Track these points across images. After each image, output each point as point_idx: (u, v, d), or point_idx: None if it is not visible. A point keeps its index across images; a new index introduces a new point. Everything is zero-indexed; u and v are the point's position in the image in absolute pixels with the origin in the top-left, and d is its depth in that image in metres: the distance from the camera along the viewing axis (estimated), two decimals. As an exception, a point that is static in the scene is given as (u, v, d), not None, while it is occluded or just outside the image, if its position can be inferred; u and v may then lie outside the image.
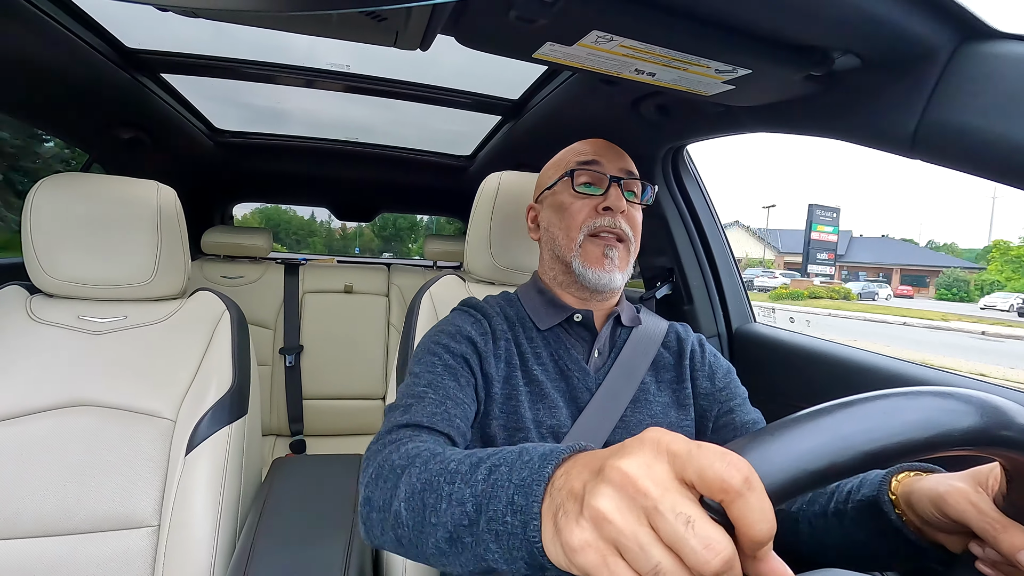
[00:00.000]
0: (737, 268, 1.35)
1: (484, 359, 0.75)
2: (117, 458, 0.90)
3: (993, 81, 0.56)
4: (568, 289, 0.83)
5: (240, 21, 0.60)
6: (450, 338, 0.75)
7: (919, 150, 0.64)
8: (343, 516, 0.90)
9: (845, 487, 0.60)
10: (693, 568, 0.26)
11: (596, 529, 0.29)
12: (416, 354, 0.75)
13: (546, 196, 0.86)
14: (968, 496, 0.43)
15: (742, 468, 0.27)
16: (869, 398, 0.31)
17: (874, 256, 27.51)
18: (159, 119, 1.60)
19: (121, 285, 1.00)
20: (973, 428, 0.31)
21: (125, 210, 0.99)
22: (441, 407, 0.65)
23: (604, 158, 0.81)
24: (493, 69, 1.36)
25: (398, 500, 0.49)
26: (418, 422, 0.62)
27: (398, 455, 0.54)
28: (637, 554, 0.27)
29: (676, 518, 0.27)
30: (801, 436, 0.29)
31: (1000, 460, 0.35)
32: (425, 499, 0.46)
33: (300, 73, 1.43)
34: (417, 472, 0.49)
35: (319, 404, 2.08)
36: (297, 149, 2.10)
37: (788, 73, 0.69)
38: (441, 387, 0.68)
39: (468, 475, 0.44)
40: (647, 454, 0.30)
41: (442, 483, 0.45)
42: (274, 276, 2.11)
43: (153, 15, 1.10)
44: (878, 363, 0.94)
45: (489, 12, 0.59)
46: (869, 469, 0.29)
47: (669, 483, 0.28)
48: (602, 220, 0.78)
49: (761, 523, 0.26)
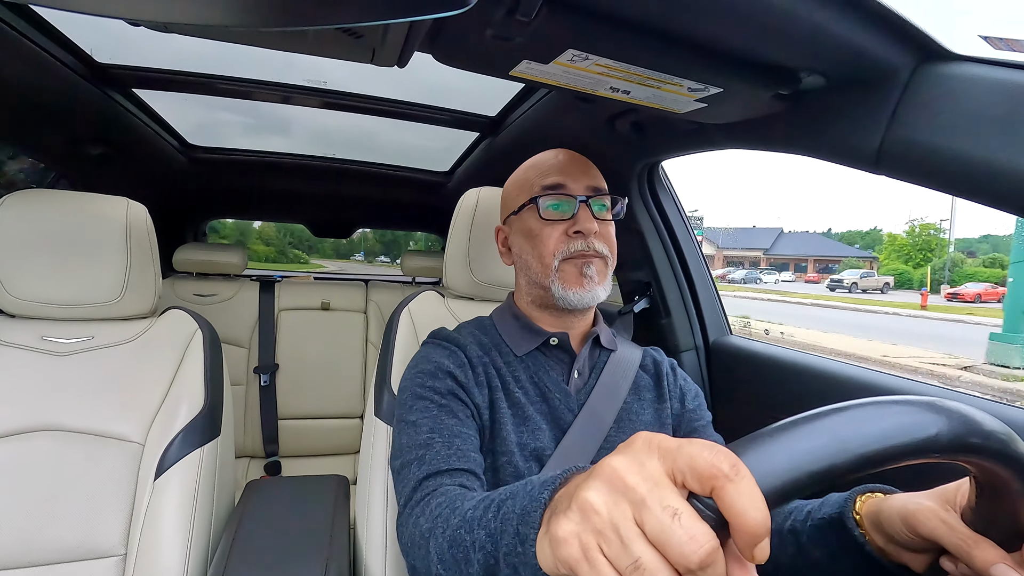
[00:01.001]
0: (713, 281, 1.37)
1: (468, 390, 0.74)
2: (82, 484, 0.87)
3: (951, 101, 0.59)
4: (546, 311, 0.82)
5: (213, 36, 0.60)
6: (432, 378, 0.74)
7: (883, 166, 0.66)
8: (320, 538, 0.88)
9: (805, 507, 0.61)
10: (676, 561, 0.26)
11: (582, 520, 0.30)
12: (403, 401, 0.74)
13: (513, 220, 0.84)
14: (938, 514, 0.44)
15: (730, 456, 0.27)
16: (863, 404, 0.31)
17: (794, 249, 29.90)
18: (130, 135, 1.57)
19: (88, 304, 0.97)
20: (961, 437, 0.31)
21: (93, 227, 0.97)
22: (451, 448, 0.66)
23: (569, 177, 0.79)
24: (470, 86, 1.37)
25: (434, 564, 0.52)
26: (437, 469, 0.64)
27: (424, 518, 0.57)
28: (618, 549, 0.27)
29: (663, 511, 0.27)
30: (798, 439, 0.29)
31: (973, 471, 0.36)
32: (455, 555, 0.49)
33: (276, 89, 1.42)
34: (441, 532, 0.52)
35: (295, 424, 2.04)
36: (272, 165, 2.08)
37: (758, 91, 0.71)
38: (444, 428, 0.68)
39: (482, 518, 0.46)
40: (638, 452, 0.30)
41: (463, 535, 0.48)
42: (249, 293, 2.07)
43: (124, 30, 1.08)
44: (851, 373, 0.96)
45: (466, 30, 0.59)
46: (864, 472, 0.30)
47: (659, 478, 0.28)
48: (575, 244, 0.77)
49: (753, 511, 0.26)
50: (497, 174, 1.75)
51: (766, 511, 0.26)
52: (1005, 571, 0.39)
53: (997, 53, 0.58)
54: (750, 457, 0.28)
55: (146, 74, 1.32)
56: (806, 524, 0.59)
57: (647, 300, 1.37)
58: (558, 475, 0.39)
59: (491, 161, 1.75)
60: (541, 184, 0.80)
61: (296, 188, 2.30)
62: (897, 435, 0.30)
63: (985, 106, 0.56)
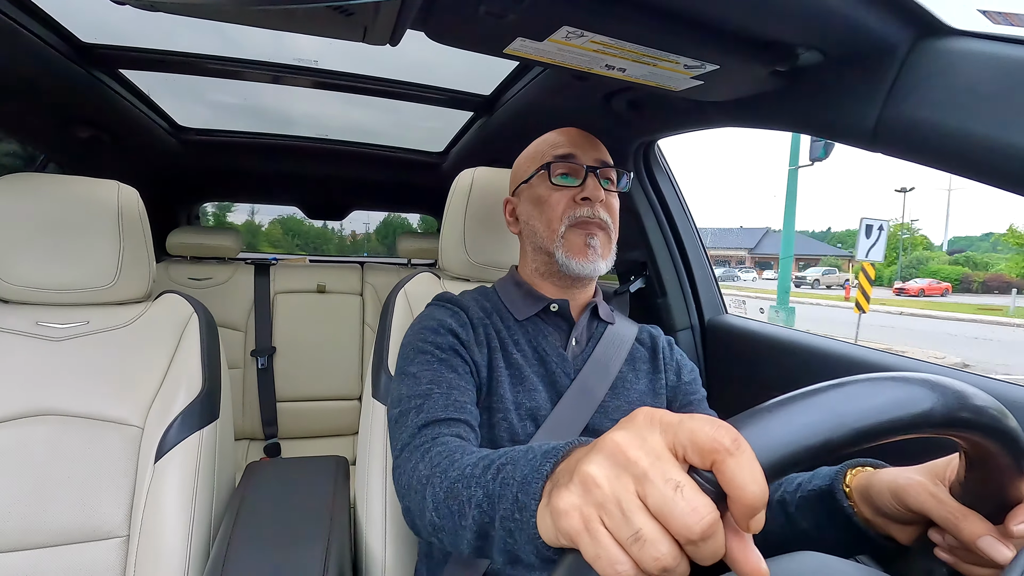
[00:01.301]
0: (708, 261, 1.37)
1: (468, 347, 0.76)
2: (82, 468, 0.87)
3: (948, 77, 0.58)
4: (549, 279, 0.84)
5: (201, 15, 0.58)
6: (434, 333, 0.76)
7: (879, 143, 0.66)
8: (321, 519, 0.89)
9: (795, 479, 0.63)
10: (678, 532, 0.26)
11: (584, 494, 0.30)
12: (405, 355, 0.76)
13: (523, 189, 0.87)
14: (928, 488, 0.45)
15: (731, 430, 0.27)
16: (860, 380, 0.31)
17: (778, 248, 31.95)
18: (118, 117, 1.54)
19: (82, 289, 0.96)
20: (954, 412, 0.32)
21: (85, 211, 0.96)
22: (450, 399, 0.68)
23: (579, 149, 0.82)
24: (464, 64, 1.35)
25: (429, 510, 0.53)
26: (435, 417, 0.65)
27: (424, 464, 0.58)
28: (619, 521, 0.28)
29: (665, 484, 0.27)
30: (796, 413, 0.30)
31: (964, 445, 0.37)
32: (450, 506, 0.50)
33: (266, 68, 1.40)
34: (439, 481, 0.53)
35: (293, 406, 2.05)
36: (265, 146, 2.05)
37: (754, 68, 0.71)
38: (443, 380, 0.70)
39: (481, 477, 0.47)
40: (640, 426, 0.31)
41: (461, 489, 0.49)
42: (244, 277, 2.06)
43: (110, 9, 1.06)
44: (843, 350, 0.97)
45: (459, 7, 0.58)
46: (859, 446, 0.30)
47: (661, 452, 0.29)
48: (582, 210, 0.79)
49: (752, 484, 0.26)
50: (492, 154, 1.74)
51: (764, 484, 0.26)
52: (991, 543, 0.40)
53: (996, 28, 0.57)
54: (749, 431, 0.29)
55: (134, 54, 1.29)
56: (796, 496, 0.61)
57: (643, 280, 1.37)
58: (560, 447, 0.39)
59: (486, 141, 1.73)
60: (553, 154, 0.83)
61: (289, 170, 2.28)
62: (892, 410, 0.30)
63: (983, 82, 0.56)
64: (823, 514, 0.57)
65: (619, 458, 0.29)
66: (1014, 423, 0.35)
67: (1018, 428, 0.35)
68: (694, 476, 0.28)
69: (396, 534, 0.86)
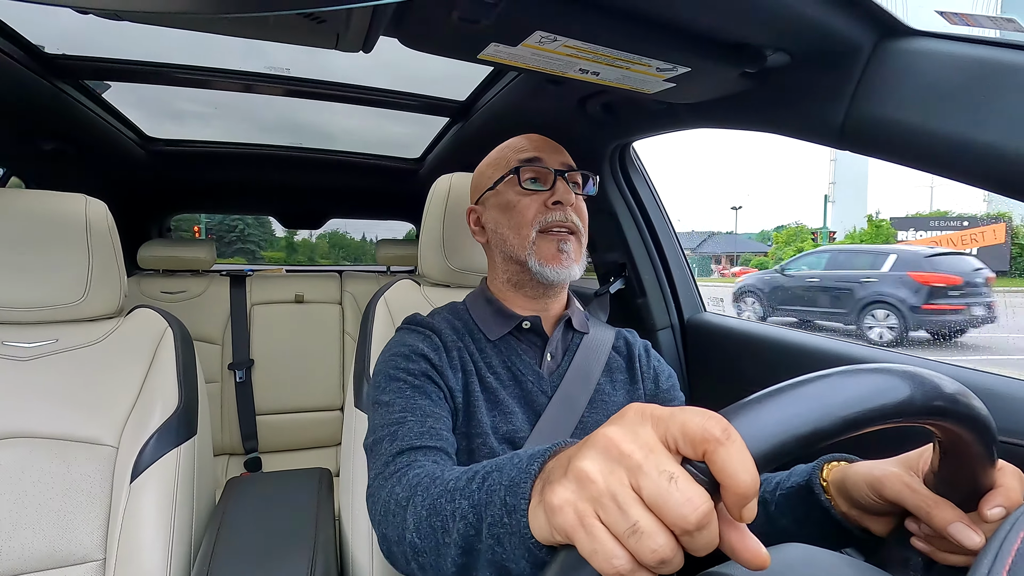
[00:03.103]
0: (686, 260, 1.39)
1: (442, 373, 0.74)
2: (54, 491, 0.84)
3: (910, 75, 0.60)
4: (520, 290, 0.82)
5: (168, 24, 0.57)
6: (406, 360, 0.74)
7: (847, 141, 0.68)
8: (305, 532, 0.88)
9: (773, 479, 0.64)
10: (673, 523, 0.27)
11: (578, 489, 0.30)
12: (378, 384, 0.74)
13: (488, 197, 0.84)
14: (902, 478, 0.46)
15: (722, 421, 0.28)
16: (845, 371, 0.32)
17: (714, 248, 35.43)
18: (84, 129, 1.50)
19: (50, 307, 0.93)
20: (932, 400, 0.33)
21: (51, 226, 0.93)
22: (424, 426, 0.66)
23: (545, 153, 0.81)
24: (439, 70, 1.35)
25: (409, 532, 0.51)
26: (411, 444, 0.63)
27: (400, 487, 0.56)
28: (615, 515, 0.28)
29: (660, 475, 0.27)
30: (784, 404, 0.31)
31: (938, 434, 0.38)
32: (432, 523, 0.48)
33: (237, 77, 1.38)
34: (420, 500, 0.51)
35: (273, 419, 2.01)
36: (237, 156, 2.02)
37: (725, 70, 0.72)
38: (417, 408, 0.68)
39: (465, 488, 0.46)
40: (631, 421, 0.31)
41: (444, 504, 0.47)
42: (219, 289, 2.02)
43: (73, 19, 1.03)
44: (821, 345, 0.99)
45: (432, 13, 0.58)
46: (846, 435, 0.31)
47: (654, 445, 0.29)
48: (553, 215, 0.78)
49: (743, 473, 0.27)
50: (468, 159, 1.73)
51: (756, 473, 0.27)
52: (961, 529, 0.41)
53: (953, 28, 0.60)
54: (740, 422, 0.29)
55: (98, 65, 1.26)
56: (775, 494, 0.62)
57: (622, 280, 1.38)
58: (547, 448, 0.39)
59: (462, 146, 1.73)
60: (519, 158, 0.81)
61: (263, 179, 2.25)
62: (876, 399, 0.31)
63: (943, 80, 0.58)
64: (801, 510, 0.58)
65: (612, 452, 0.30)
66: (985, 411, 0.36)
67: (988, 415, 0.36)
68: (687, 467, 0.28)
69: (382, 545, 0.85)
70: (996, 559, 0.27)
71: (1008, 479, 0.42)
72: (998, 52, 0.55)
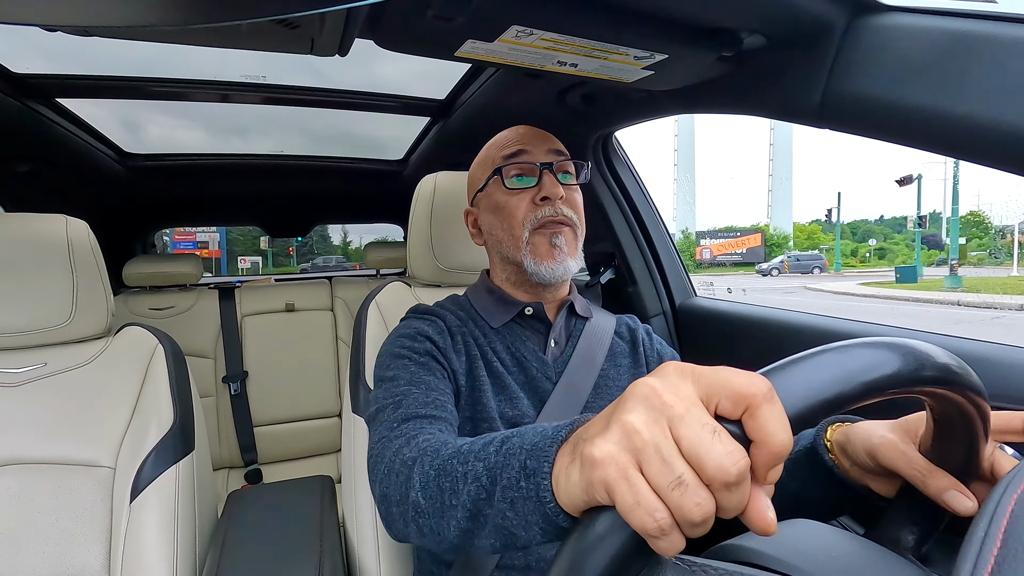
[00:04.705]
0: (674, 246, 1.39)
1: (446, 354, 0.75)
2: (53, 516, 0.83)
3: (884, 51, 0.61)
4: (520, 287, 0.83)
5: (139, 37, 0.57)
6: (411, 339, 0.75)
7: (826, 120, 0.68)
8: (310, 541, 0.87)
9: None
10: (713, 477, 0.27)
11: (622, 440, 0.29)
12: (382, 362, 0.74)
13: (480, 198, 0.84)
14: (897, 446, 0.47)
15: (766, 380, 0.28)
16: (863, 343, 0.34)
17: None
18: (59, 148, 1.48)
19: (36, 330, 0.92)
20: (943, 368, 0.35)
21: (32, 249, 0.92)
22: (429, 397, 0.66)
23: (530, 145, 0.79)
24: (417, 70, 1.34)
25: (414, 491, 0.50)
26: (416, 413, 0.63)
27: (408, 448, 0.55)
28: (660, 467, 0.28)
29: (703, 428, 0.27)
30: (814, 369, 0.31)
31: (935, 406, 0.39)
32: (441, 483, 0.47)
33: (213, 87, 1.36)
34: (429, 460, 0.50)
35: (271, 430, 2.00)
36: (218, 167, 2.00)
37: (702, 55, 0.72)
38: (421, 382, 0.68)
39: (481, 452, 0.45)
40: (671, 375, 0.31)
41: (456, 464, 0.46)
42: (208, 302, 2.01)
43: (41, 36, 1.01)
44: (812, 322, 1.00)
45: (406, 13, 0.58)
46: (865, 401, 0.32)
47: (695, 399, 0.29)
48: (543, 211, 0.77)
49: (780, 432, 0.27)
50: (452, 157, 1.73)
51: (791, 433, 0.27)
52: (955, 495, 0.42)
53: (924, 2, 0.60)
54: (777, 382, 0.30)
55: (71, 82, 1.24)
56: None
57: (612, 270, 1.39)
58: (574, 420, 0.38)
59: (445, 145, 1.72)
60: (502, 155, 0.80)
61: (246, 189, 2.22)
62: (892, 364, 0.33)
63: (916, 55, 0.58)
64: (807, 471, 0.58)
65: (655, 402, 0.29)
66: (979, 381, 0.37)
67: (980, 384, 0.37)
68: (723, 424, 0.28)
69: (389, 548, 0.85)
70: (992, 521, 0.27)
71: (999, 456, 0.44)
72: (968, 24, 0.56)
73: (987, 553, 0.26)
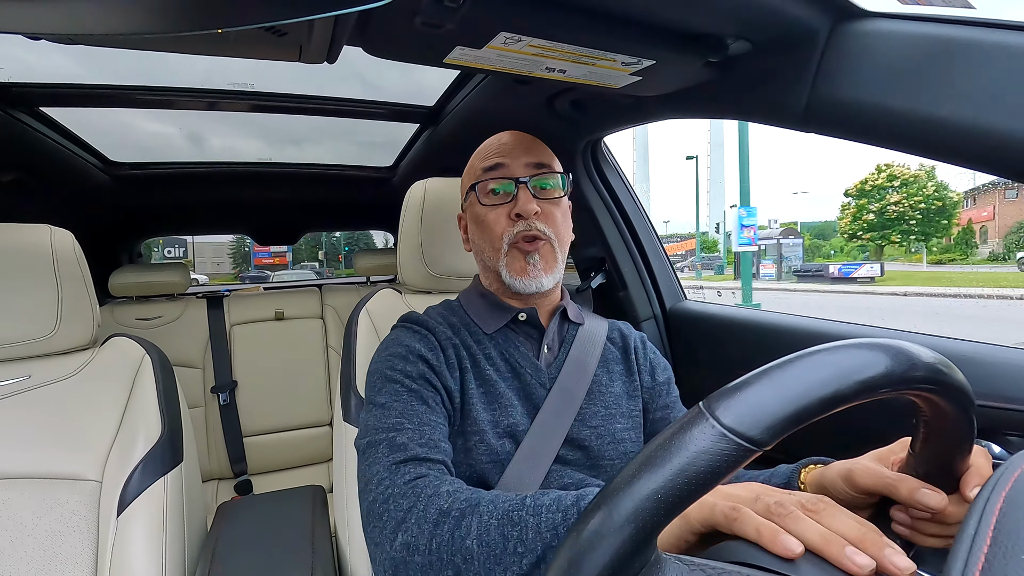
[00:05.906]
0: (663, 250, 1.40)
1: (439, 374, 0.73)
2: (39, 531, 0.82)
3: (867, 56, 0.62)
4: (506, 295, 0.83)
5: (124, 46, 0.56)
6: (403, 361, 0.73)
7: (812, 124, 0.69)
8: (302, 551, 0.86)
9: (757, 477, 0.66)
10: None
11: None
12: (372, 383, 0.73)
13: (467, 208, 0.85)
14: (872, 468, 0.49)
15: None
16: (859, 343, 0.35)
17: None
18: (44, 158, 1.46)
19: (20, 342, 0.90)
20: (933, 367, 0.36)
21: (16, 259, 0.90)
22: (423, 436, 0.65)
23: (508, 158, 0.78)
24: (406, 77, 1.34)
25: (471, 538, 0.50)
26: (413, 455, 0.62)
27: (441, 498, 0.55)
28: None
29: None
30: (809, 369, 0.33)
31: (923, 406, 0.39)
32: (506, 532, 0.49)
33: (200, 95, 1.35)
34: (487, 509, 0.52)
35: (261, 440, 1.98)
36: (206, 175, 1.98)
37: (688, 61, 0.73)
38: (414, 414, 0.67)
39: (553, 506, 0.49)
40: None
41: (525, 515, 0.49)
42: (196, 312, 1.99)
43: (25, 45, 1.01)
44: (801, 324, 1.01)
45: (394, 20, 0.58)
46: (860, 400, 0.33)
47: None
48: (518, 226, 0.76)
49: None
50: (442, 164, 1.73)
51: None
52: (924, 492, 0.44)
53: (905, 8, 0.61)
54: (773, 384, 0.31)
55: (55, 91, 1.23)
56: None
57: (603, 275, 1.39)
58: None
59: (434, 151, 1.72)
60: (481, 168, 0.80)
61: (234, 197, 2.21)
62: (884, 363, 0.33)
63: (899, 59, 0.59)
64: None
65: None
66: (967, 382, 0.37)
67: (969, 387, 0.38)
68: None
69: (382, 557, 0.84)
70: (981, 518, 0.27)
71: (980, 459, 0.45)
72: (949, 29, 0.57)
73: (977, 550, 0.26)
